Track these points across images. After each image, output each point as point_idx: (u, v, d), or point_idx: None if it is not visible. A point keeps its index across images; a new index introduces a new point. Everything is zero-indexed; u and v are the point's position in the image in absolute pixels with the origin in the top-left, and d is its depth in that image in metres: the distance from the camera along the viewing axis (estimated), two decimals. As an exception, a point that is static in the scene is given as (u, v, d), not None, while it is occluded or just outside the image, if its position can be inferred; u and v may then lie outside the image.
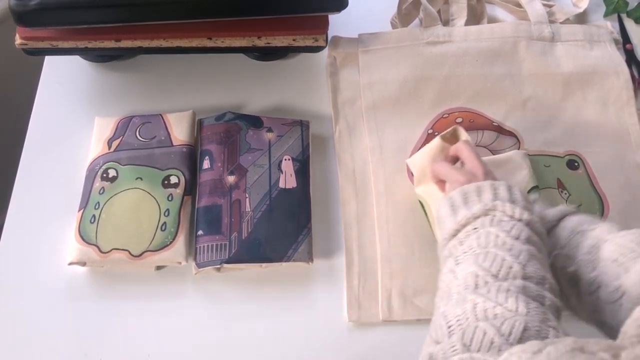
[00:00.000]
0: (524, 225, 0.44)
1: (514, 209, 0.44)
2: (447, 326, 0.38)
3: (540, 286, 0.40)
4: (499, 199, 0.45)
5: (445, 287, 0.43)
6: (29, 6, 0.58)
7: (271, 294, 0.60)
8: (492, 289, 0.38)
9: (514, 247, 0.41)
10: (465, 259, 0.43)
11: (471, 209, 0.45)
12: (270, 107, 0.72)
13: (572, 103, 0.71)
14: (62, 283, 0.60)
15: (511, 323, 0.35)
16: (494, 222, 0.44)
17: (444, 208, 0.48)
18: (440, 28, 0.74)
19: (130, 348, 0.57)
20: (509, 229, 0.43)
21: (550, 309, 0.38)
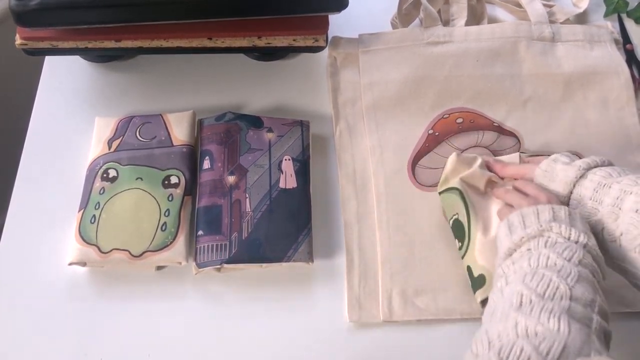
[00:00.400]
0: (579, 247, 0.44)
1: (571, 230, 0.45)
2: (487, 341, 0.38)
3: (589, 309, 0.39)
4: (556, 221, 0.47)
5: (492, 304, 0.43)
6: (29, 6, 0.58)
7: (271, 294, 0.60)
8: (535, 308, 0.38)
9: (564, 268, 0.42)
10: (514, 278, 0.43)
11: (527, 229, 0.47)
12: (270, 107, 0.72)
13: (572, 103, 0.71)
14: (62, 283, 0.60)
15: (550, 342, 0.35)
16: (548, 243, 0.45)
17: (503, 229, 0.50)
18: (441, 28, 0.74)
19: (130, 348, 0.57)
20: (562, 251, 0.44)
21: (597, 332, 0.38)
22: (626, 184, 0.47)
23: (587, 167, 0.51)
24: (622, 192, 0.47)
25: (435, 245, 0.62)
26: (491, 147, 0.68)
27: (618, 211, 0.46)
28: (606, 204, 0.47)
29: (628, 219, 0.45)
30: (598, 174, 0.50)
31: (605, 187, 0.48)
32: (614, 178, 0.49)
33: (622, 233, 0.46)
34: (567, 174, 0.51)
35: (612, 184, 0.48)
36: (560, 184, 0.52)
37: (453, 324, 0.59)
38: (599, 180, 0.49)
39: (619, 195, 0.47)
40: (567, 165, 0.52)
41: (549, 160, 0.54)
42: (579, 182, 0.51)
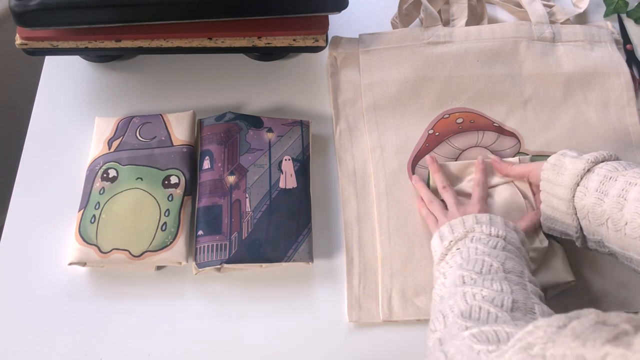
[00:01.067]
0: (500, 239, 0.50)
1: (491, 228, 0.51)
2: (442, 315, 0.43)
3: (520, 278, 0.46)
4: (478, 223, 0.52)
5: (437, 296, 0.48)
6: (29, 6, 0.58)
7: (271, 294, 0.60)
8: (477, 281, 0.45)
9: (492, 253, 0.48)
10: (451, 271, 0.49)
11: (454, 234, 0.53)
12: (270, 107, 0.72)
13: (572, 103, 0.71)
14: (62, 283, 0.60)
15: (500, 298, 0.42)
16: (474, 239, 0.51)
17: (435, 239, 0.55)
18: (441, 28, 0.74)
19: (130, 348, 0.57)
20: (486, 242, 0.50)
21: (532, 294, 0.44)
22: (631, 176, 0.49)
23: (595, 161, 0.52)
24: (628, 183, 0.48)
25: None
26: (491, 147, 0.68)
27: (623, 202, 0.48)
28: (612, 195, 0.49)
29: (633, 208, 0.46)
30: (605, 168, 0.51)
31: (612, 180, 0.50)
32: (619, 171, 0.50)
33: (627, 222, 0.47)
34: (576, 166, 0.53)
35: (617, 176, 0.50)
36: (568, 176, 0.53)
37: (453, 324, 0.59)
38: (605, 173, 0.51)
39: (624, 187, 0.48)
40: (576, 159, 0.54)
41: (557, 155, 0.56)
42: (586, 175, 0.52)
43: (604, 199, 0.50)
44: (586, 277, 0.61)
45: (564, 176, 0.54)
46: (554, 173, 0.55)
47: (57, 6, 0.59)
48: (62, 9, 0.59)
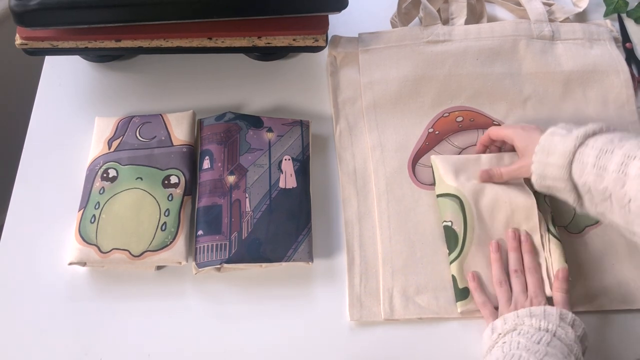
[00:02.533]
0: (549, 334, 0.49)
1: (541, 322, 0.50)
2: None
3: None
4: (530, 316, 0.51)
5: None
6: (29, 6, 0.58)
7: (271, 294, 0.60)
8: None
9: (532, 348, 0.46)
10: None
11: (505, 326, 0.52)
12: (270, 107, 0.72)
13: (572, 101, 0.71)
14: (62, 283, 0.60)
15: None
16: (520, 333, 0.49)
17: (487, 332, 0.54)
18: (440, 27, 0.74)
19: (130, 348, 0.57)
20: (531, 336, 0.48)
21: None
22: (629, 148, 0.47)
23: (585, 135, 0.50)
24: (626, 157, 0.47)
25: (436, 243, 0.62)
26: (491, 146, 0.68)
27: (624, 177, 0.46)
28: (611, 171, 0.47)
29: (636, 185, 0.45)
30: (600, 141, 0.49)
31: (608, 153, 0.48)
32: (615, 144, 0.48)
33: (631, 199, 0.46)
34: (566, 144, 0.51)
35: (614, 149, 0.48)
36: (559, 156, 0.51)
37: (454, 322, 0.59)
38: (600, 146, 0.49)
39: (623, 161, 0.47)
40: (565, 137, 0.52)
41: (546, 135, 0.54)
42: (579, 151, 0.50)
43: (604, 175, 0.48)
44: (586, 274, 0.61)
45: (554, 156, 0.52)
46: (544, 154, 0.53)
47: (57, 6, 0.59)
48: (62, 9, 0.60)
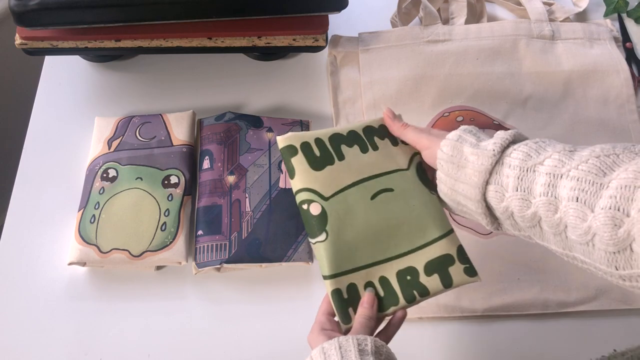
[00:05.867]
0: None
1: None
2: None
3: None
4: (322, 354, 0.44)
5: None
6: (29, 6, 0.58)
7: (271, 294, 0.60)
8: None
9: None
10: None
11: None
12: (271, 107, 0.72)
13: (572, 101, 0.71)
14: (62, 283, 0.60)
15: None
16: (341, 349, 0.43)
17: None
18: (440, 27, 0.74)
19: (130, 348, 0.57)
20: None
21: None
22: (552, 165, 0.41)
23: (500, 150, 0.44)
24: (552, 176, 0.41)
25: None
26: (491, 146, 0.68)
27: (555, 201, 0.40)
28: (538, 194, 0.41)
29: (572, 211, 0.39)
30: (516, 157, 0.43)
31: (530, 172, 0.42)
32: (534, 159, 0.42)
33: (567, 226, 0.40)
34: (481, 162, 0.44)
35: (535, 166, 0.42)
36: (473, 173, 0.44)
37: (454, 321, 0.59)
38: (519, 164, 0.42)
39: (549, 182, 0.41)
40: (477, 149, 0.45)
41: (452, 141, 0.46)
42: (495, 170, 0.43)
43: (530, 199, 0.42)
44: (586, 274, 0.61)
45: (466, 170, 0.45)
46: (453, 167, 0.46)
47: (57, 6, 0.59)
48: (62, 8, 0.60)
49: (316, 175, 0.48)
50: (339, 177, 0.49)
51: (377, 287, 0.47)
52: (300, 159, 0.49)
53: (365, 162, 0.50)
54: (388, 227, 0.48)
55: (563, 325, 0.59)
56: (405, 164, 0.51)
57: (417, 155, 0.52)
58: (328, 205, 0.47)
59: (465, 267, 0.48)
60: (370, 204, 0.48)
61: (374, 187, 0.49)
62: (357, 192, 0.48)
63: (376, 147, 0.51)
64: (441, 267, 0.48)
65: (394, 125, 0.52)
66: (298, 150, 0.49)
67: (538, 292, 0.59)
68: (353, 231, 0.47)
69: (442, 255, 0.48)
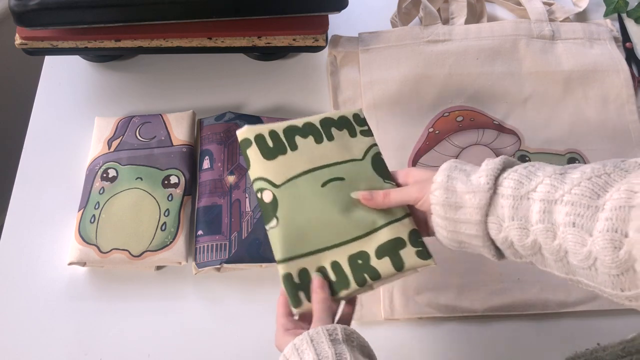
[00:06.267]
0: None
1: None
2: None
3: None
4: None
5: None
6: (29, 6, 0.58)
7: (271, 294, 0.60)
8: None
9: None
10: None
11: None
12: (270, 107, 0.72)
13: (572, 101, 0.71)
14: (62, 283, 0.60)
15: None
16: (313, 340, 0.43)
17: None
18: (440, 27, 0.74)
19: (130, 348, 0.57)
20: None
21: None
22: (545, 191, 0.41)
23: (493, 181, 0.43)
24: (546, 202, 0.40)
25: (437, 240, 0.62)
26: (491, 146, 0.68)
27: (552, 227, 0.40)
28: (534, 221, 0.41)
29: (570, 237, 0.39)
30: (508, 186, 0.43)
31: (524, 200, 0.41)
32: (526, 186, 0.42)
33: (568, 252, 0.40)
34: (478, 199, 0.43)
35: (529, 194, 0.41)
36: (472, 212, 0.44)
37: (454, 321, 0.59)
38: (512, 193, 0.42)
39: (544, 208, 0.40)
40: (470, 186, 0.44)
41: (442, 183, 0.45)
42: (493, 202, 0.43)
43: (528, 228, 0.41)
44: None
45: (465, 210, 0.44)
46: (451, 209, 0.45)
47: (57, 6, 0.59)
48: (62, 8, 0.60)
49: (268, 165, 0.50)
50: (290, 166, 0.50)
51: (328, 272, 0.47)
52: (255, 150, 0.50)
53: (318, 152, 0.51)
54: (338, 213, 0.49)
55: (563, 325, 0.59)
56: (360, 154, 0.52)
57: (374, 147, 0.54)
58: (279, 192, 0.49)
59: (418, 250, 0.49)
60: (320, 191, 0.49)
61: (325, 176, 0.50)
62: (307, 180, 0.50)
63: (332, 138, 0.52)
64: (392, 250, 0.48)
65: (375, 201, 0.50)
66: (252, 142, 0.50)
67: (538, 292, 0.59)
68: (303, 217, 0.48)
69: (394, 239, 0.49)
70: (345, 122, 0.54)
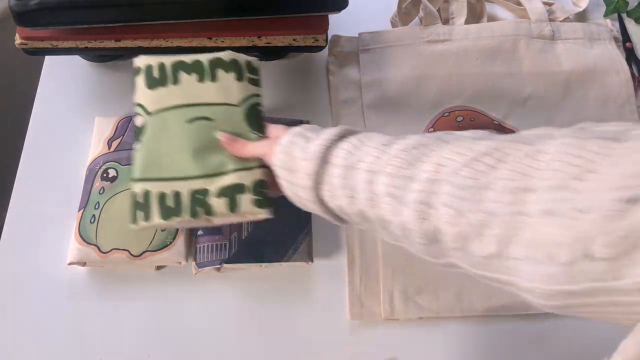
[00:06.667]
0: None
1: None
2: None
3: None
4: None
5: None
6: (29, 6, 0.58)
7: (271, 294, 0.60)
8: None
9: None
10: None
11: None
12: (270, 107, 0.71)
13: (572, 101, 0.71)
14: (62, 283, 0.60)
15: None
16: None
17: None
18: (441, 27, 0.74)
19: (130, 348, 0.57)
20: None
21: None
22: (370, 162, 0.41)
23: (325, 150, 0.44)
24: (370, 173, 0.41)
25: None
26: (491, 146, 0.68)
27: (374, 197, 0.41)
28: (359, 190, 0.41)
29: (387, 206, 0.40)
30: (339, 156, 0.43)
31: (352, 170, 0.42)
32: (355, 156, 0.42)
33: (387, 221, 0.41)
34: (309, 165, 0.44)
35: (356, 164, 0.42)
36: (304, 177, 0.44)
37: (454, 321, 0.59)
38: (342, 163, 0.43)
39: (368, 179, 0.41)
40: (305, 153, 0.45)
41: (284, 147, 0.46)
42: (325, 170, 0.44)
43: (355, 197, 0.42)
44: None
45: (298, 174, 0.45)
46: (289, 173, 0.46)
47: (57, 6, 0.59)
48: (62, 8, 0.59)
49: (147, 93, 0.53)
50: (166, 98, 0.53)
51: (168, 198, 0.50)
52: (142, 78, 0.54)
53: (196, 90, 0.54)
54: (195, 150, 0.51)
55: (563, 325, 0.59)
56: (237, 100, 0.54)
57: (256, 97, 0.55)
58: (149, 119, 0.52)
59: (256, 199, 0.50)
60: (185, 127, 0.52)
61: (194, 113, 0.53)
62: (177, 113, 0.53)
63: (215, 79, 0.54)
64: (231, 194, 0.50)
65: (233, 147, 0.52)
66: (142, 70, 0.54)
67: (538, 292, 0.59)
68: (161, 146, 0.52)
69: (236, 184, 0.50)
70: (235, 65, 0.55)
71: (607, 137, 0.32)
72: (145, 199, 0.50)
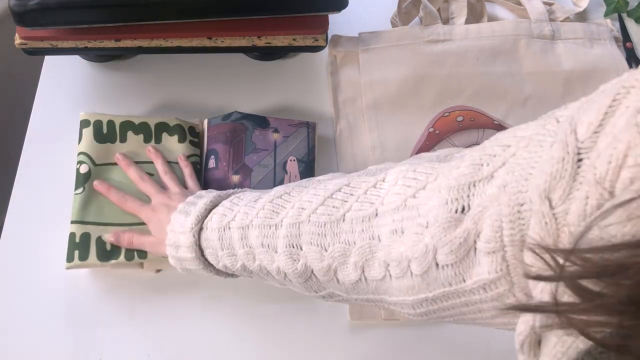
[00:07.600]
0: None
1: None
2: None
3: None
4: None
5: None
6: (29, 6, 0.58)
7: (272, 295, 0.60)
8: None
9: None
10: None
11: None
12: (270, 107, 0.72)
13: (572, 101, 0.71)
14: (62, 283, 0.60)
15: None
16: None
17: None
18: (441, 27, 0.74)
19: (130, 348, 0.57)
20: None
21: None
22: (240, 219, 0.45)
23: (198, 222, 0.48)
24: (242, 229, 0.45)
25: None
26: (492, 146, 0.68)
27: (251, 250, 0.45)
28: (237, 247, 0.45)
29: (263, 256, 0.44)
30: (214, 221, 0.47)
31: (226, 231, 0.46)
32: (228, 217, 0.47)
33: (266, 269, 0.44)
34: (186, 238, 0.48)
35: (229, 224, 0.46)
36: (186, 249, 0.49)
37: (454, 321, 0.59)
38: (217, 226, 0.47)
39: (242, 235, 0.45)
40: (184, 226, 0.49)
41: (172, 221, 0.51)
42: (202, 237, 0.48)
43: (235, 254, 0.46)
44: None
45: (182, 249, 0.49)
46: (174, 249, 0.50)
47: (57, 6, 0.59)
48: (62, 8, 0.59)
49: (95, 146, 0.60)
50: (112, 153, 0.61)
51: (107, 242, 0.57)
52: (90, 131, 0.61)
53: (141, 149, 0.62)
54: None
55: (563, 325, 0.59)
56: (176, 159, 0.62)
57: (194, 157, 0.63)
58: (94, 170, 0.59)
59: None
60: (126, 180, 0.60)
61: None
62: (120, 169, 0.60)
63: (159, 141, 0.62)
64: None
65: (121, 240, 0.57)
66: (91, 124, 0.61)
67: (538, 292, 0.59)
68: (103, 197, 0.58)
69: None
70: (179, 129, 0.63)
71: (432, 159, 0.37)
72: (82, 240, 0.56)
